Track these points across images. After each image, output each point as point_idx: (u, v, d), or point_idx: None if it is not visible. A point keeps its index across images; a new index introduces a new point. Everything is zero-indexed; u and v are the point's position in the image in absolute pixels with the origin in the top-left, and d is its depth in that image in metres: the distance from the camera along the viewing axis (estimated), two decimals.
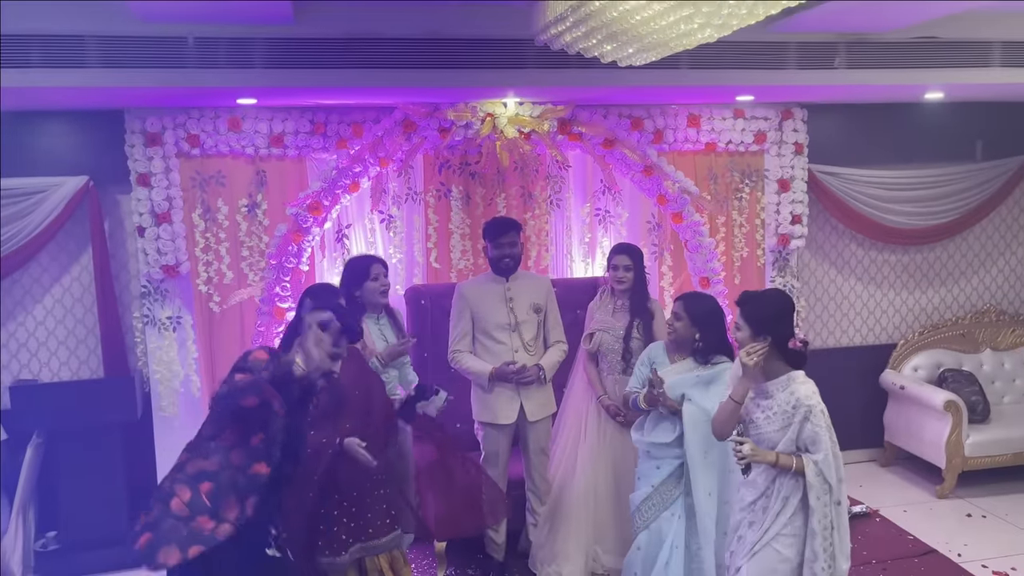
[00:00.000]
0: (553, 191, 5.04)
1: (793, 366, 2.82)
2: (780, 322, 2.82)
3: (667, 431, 3.40)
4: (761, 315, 2.81)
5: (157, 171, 4.46)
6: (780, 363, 2.81)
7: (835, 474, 2.75)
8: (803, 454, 2.77)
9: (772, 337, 2.77)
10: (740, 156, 5.25)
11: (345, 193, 4.56)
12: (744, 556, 2.84)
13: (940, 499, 5.22)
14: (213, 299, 4.68)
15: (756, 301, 2.88)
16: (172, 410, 4.66)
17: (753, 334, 2.80)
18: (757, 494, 2.86)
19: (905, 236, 5.78)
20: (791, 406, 2.75)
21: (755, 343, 2.78)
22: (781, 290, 3.01)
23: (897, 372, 5.76)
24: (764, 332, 2.79)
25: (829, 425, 2.77)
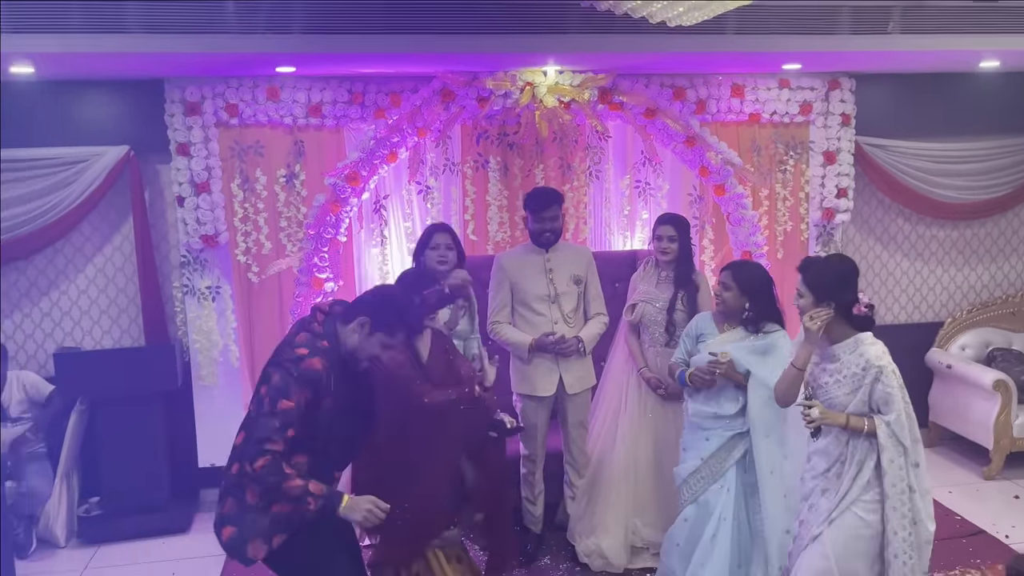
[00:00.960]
0: (592, 162, 4.96)
1: (859, 330, 2.75)
2: (843, 288, 2.74)
3: (731, 402, 3.33)
4: (823, 281, 2.75)
5: (196, 141, 4.47)
6: (846, 327, 2.75)
7: (909, 435, 2.68)
8: (875, 415, 2.70)
9: (835, 303, 2.71)
10: (785, 127, 5.11)
11: (383, 163, 4.53)
12: (821, 524, 2.77)
13: (987, 480, 5.09)
14: (252, 269, 4.68)
15: (818, 267, 2.81)
16: (211, 380, 4.69)
17: (816, 300, 2.74)
18: (830, 461, 2.80)
19: (955, 211, 5.61)
20: (861, 368, 2.69)
21: (818, 308, 2.72)
22: (844, 255, 2.92)
23: (944, 351, 5.62)
24: (826, 298, 2.72)
25: (901, 385, 2.71)
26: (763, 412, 3.23)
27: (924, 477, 2.75)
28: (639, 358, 3.92)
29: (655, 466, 3.85)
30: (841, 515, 2.74)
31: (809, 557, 2.78)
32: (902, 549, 2.68)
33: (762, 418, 3.24)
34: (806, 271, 2.80)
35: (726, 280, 3.33)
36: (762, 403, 3.23)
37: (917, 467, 2.72)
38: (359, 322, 2.65)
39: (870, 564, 2.72)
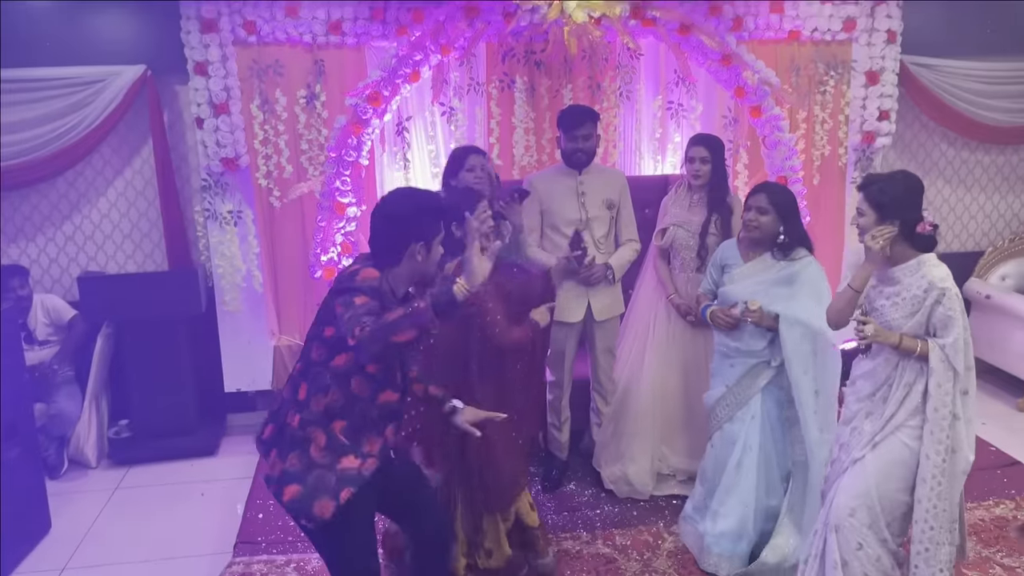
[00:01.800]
0: (623, 82, 4.76)
1: (921, 251, 2.63)
2: (907, 205, 2.60)
3: (757, 339, 3.22)
4: (888, 198, 2.60)
5: (214, 59, 4.33)
6: (907, 248, 2.62)
7: (963, 361, 2.57)
8: (930, 339, 2.60)
9: (900, 221, 2.58)
10: (826, 46, 4.87)
11: (405, 83, 4.38)
12: (864, 447, 2.70)
13: (1022, 412, 4.99)
14: (273, 193, 4.61)
15: (882, 183, 2.64)
16: (235, 306, 4.66)
17: (879, 219, 2.60)
18: (876, 385, 2.71)
19: (1002, 135, 5.38)
20: (923, 290, 2.58)
21: (881, 227, 2.59)
22: (908, 171, 2.75)
23: (983, 281, 5.45)
24: (890, 216, 2.58)
25: (963, 311, 2.60)
26: (799, 348, 3.13)
27: (971, 405, 2.64)
28: (668, 284, 3.81)
29: (683, 393, 3.78)
30: (885, 439, 2.66)
31: (850, 479, 2.71)
32: (931, 474, 2.60)
33: (799, 355, 3.13)
34: (869, 187, 2.66)
35: (762, 204, 3.19)
36: (798, 340, 3.12)
37: (966, 394, 2.62)
38: (410, 252, 2.39)
39: (910, 490, 2.65)
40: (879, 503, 2.66)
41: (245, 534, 3.53)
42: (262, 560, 3.35)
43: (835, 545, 2.70)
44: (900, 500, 2.65)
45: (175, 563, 3.54)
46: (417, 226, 2.38)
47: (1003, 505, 3.67)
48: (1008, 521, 3.53)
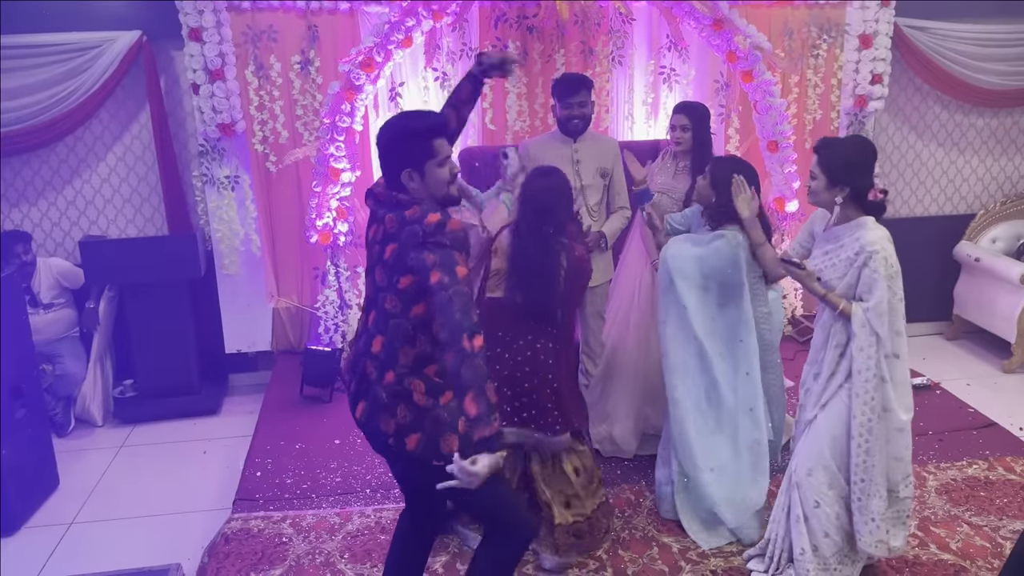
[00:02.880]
0: (615, 47, 4.78)
1: (870, 213, 2.69)
2: (858, 171, 2.64)
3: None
4: (838, 163, 2.64)
5: (208, 25, 4.37)
6: (856, 211, 2.68)
7: (887, 326, 2.63)
8: (854, 302, 2.68)
9: (850, 188, 2.64)
10: (819, 9, 4.88)
11: (398, 48, 4.41)
12: (814, 407, 2.83)
13: (1007, 374, 5.09)
14: (270, 158, 4.68)
15: (833, 147, 2.70)
16: (234, 269, 4.76)
17: (829, 184, 2.66)
18: (818, 347, 2.83)
19: (995, 98, 5.39)
20: (855, 252, 2.64)
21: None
22: (863, 137, 2.79)
23: (973, 244, 5.51)
24: (840, 181, 2.64)
25: (893, 275, 2.62)
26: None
27: (901, 368, 2.70)
28: (653, 251, 3.88)
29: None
30: (831, 399, 2.77)
31: (804, 441, 2.85)
32: (858, 431, 2.70)
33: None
34: (821, 151, 2.70)
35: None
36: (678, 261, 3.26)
37: (897, 358, 2.68)
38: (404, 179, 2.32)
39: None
40: (834, 461, 2.77)
41: (244, 491, 3.67)
42: (259, 516, 3.49)
43: (797, 500, 2.83)
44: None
45: (177, 518, 3.69)
46: (400, 153, 2.32)
47: (976, 465, 3.78)
48: (979, 481, 3.65)
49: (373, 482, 3.75)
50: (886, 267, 2.60)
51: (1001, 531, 3.29)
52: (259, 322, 4.93)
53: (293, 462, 3.94)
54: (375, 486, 3.72)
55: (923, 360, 5.17)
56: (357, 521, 3.45)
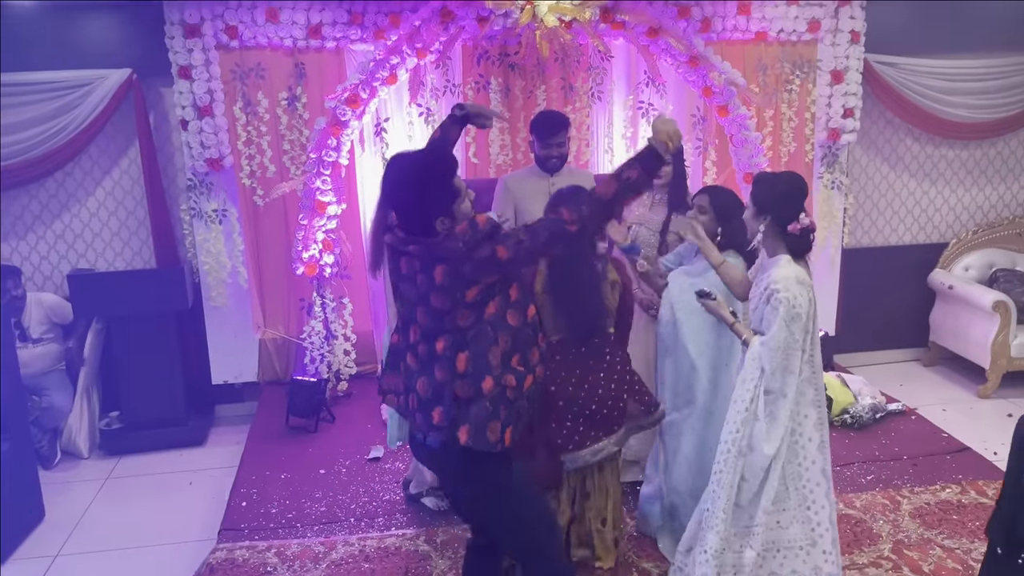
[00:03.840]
0: (595, 83, 4.91)
1: (790, 249, 2.74)
2: (781, 203, 2.72)
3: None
4: (764, 195, 2.76)
5: (197, 63, 4.48)
6: (780, 244, 2.75)
7: (778, 364, 2.68)
8: (757, 334, 2.78)
9: (771, 217, 2.73)
10: (792, 46, 5.03)
11: (383, 85, 4.52)
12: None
13: (981, 399, 5.18)
14: (257, 192, 4.76)
15: (764, 181, 2.82)
16: (221, 301, 4.82)
17: (755, 212, 2.77)
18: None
19: (964, 130, 5.54)
20: (764, 287, 2.74)
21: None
22: (796, 174, 2.89)
23: (947, 272, 5.63)
24: (765, 212, 2.74)
25: (792, 317, 2.65)
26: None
27: (783, 408, 2.73)
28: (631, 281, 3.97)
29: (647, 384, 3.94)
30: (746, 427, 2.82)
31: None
32: (717, 458, 2.79)
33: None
34: (754, 183, 2.84)
35: (703, 203, 3.32)
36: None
37: (784, 398, 2.72)
38: (438, 227, 2.32)
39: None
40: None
41: (229, 521, 3.70)
42: (244, 546, 3.52)
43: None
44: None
45: (163, 549, 3.71)
46: (429, 201, 2.29)
47: (949, 489, 3.86)
48: (952, 505, 3.72)
49: (357, 511, 3.79)
50: (787, 307, 2.65)
51: (973, 553, 3.36)
52: (246, 353, 4.98)
53: (278, 492, 3.98)
54: (359, 515, 3.75)
55: (900, 386, 5.27)
56: (341, 550, 3.49)
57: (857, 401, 4.61)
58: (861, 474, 4.02)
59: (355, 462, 4.26)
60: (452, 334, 2.36)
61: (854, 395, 4.65)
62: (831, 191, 5.28)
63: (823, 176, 5.26)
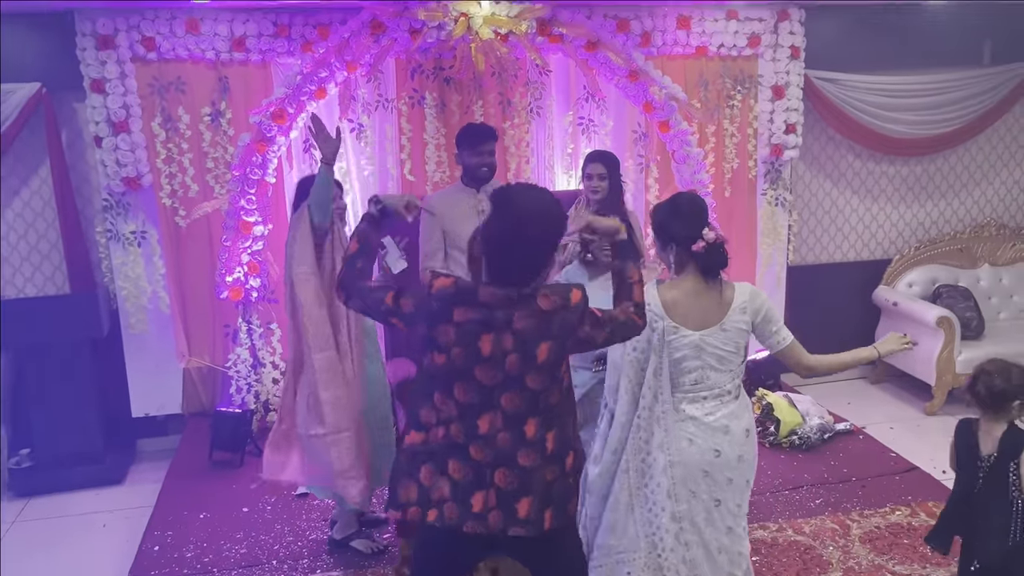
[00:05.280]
0: (533, 98, 4.78)
1: (704, 269, 2.54)
2: (678, 227, 2.53)
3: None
4: (656, 225, 2.61)
5: (112, 77, 4.23)
6: (692, 265, 2.56)
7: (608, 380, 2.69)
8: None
9: (674, 244, 2.55)
10: (733, 61, 4.97)
11: (311, 100, 4.32)
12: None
13: (928, 416, 5.13)
14: (179, 213, 4.51)
15: (657, 211, 2.64)
16: (141, 327, 4.55)
17: (661, 246, 2.62)
18: None
19: (905, 146, 5.54)
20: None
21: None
22: (686, 193, 2.72)
23: (891, 288, 5.60)
24: (669, 241, 2.57)
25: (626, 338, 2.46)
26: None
27: (612, 430, 2.68)
28: None
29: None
30: None
31: None
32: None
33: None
34: (651, 216, 2.69)
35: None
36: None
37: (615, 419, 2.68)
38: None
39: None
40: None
41: (139, 567, 3.42)
42: None
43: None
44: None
45: None
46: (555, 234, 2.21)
47: (899, 512, 3.75)
48: (903, 528, 3.61)
49: (281, 552, 3.53)
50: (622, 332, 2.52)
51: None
52: (168, 383, 4.69)
53: (196, 533, 3.70)
54: (283, 556, 3.50)
55: (848, 404, 5.19)
56: None
57: (805, 421, 4.51)
58: (810, 498, 3.90)
59: (281, 499, 4.00)
60: (543, 414, 2.13)
61: (802, 415, 4.54)
62: (775, 208, 5.22)
63: (767, 192, 5.20)
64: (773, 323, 2.63)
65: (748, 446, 2.62)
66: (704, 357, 2.55)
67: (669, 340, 2.54)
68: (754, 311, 2.59)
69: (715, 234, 2.53)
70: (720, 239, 2.53)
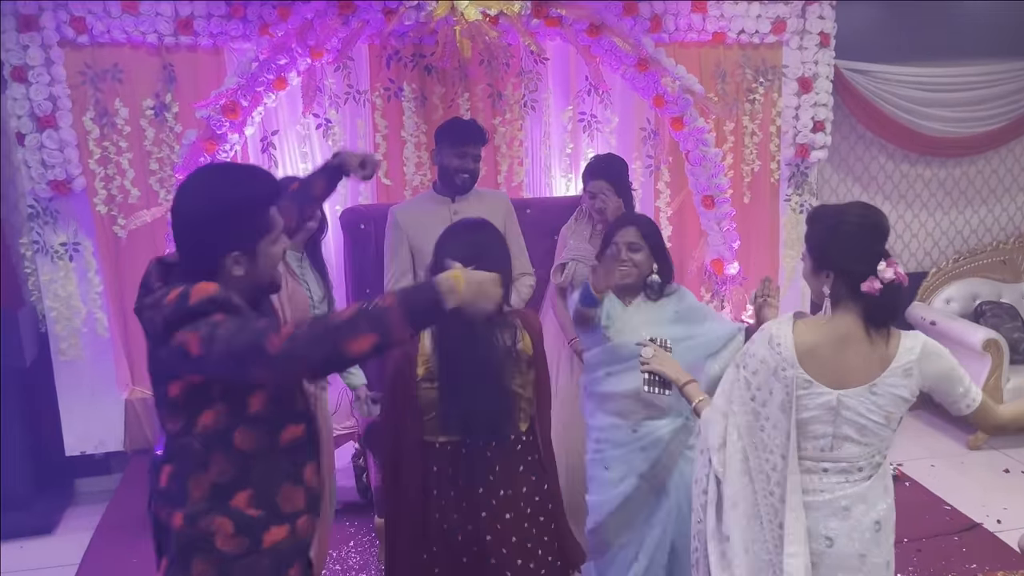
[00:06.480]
0: (528, 91, 4.23)
1: (870, 317, 1.97)
2: (846, 249, 1.96)
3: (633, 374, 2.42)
4: (821, 239, 2.02)
5: (35, 63, 3.66)
6: (852, 306, 1.98)
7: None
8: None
9: (834, 272, 1.97)
10: (754, 49, 4.43)
11: (268, 91, 3.75)
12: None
13: (972, 450, 4.57)
14: (117, 222, 3.93)
15: (819, 218, 2.06)
16: (75, 353, 3.97)
17: (813, 266, 2.03)
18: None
19: (944, 146, 5.01)
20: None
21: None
22: (867, 207, 2.09)
23: (927, 305, 5.05)
24: (825, 264, 1.99)
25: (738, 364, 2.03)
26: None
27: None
28: (569, 328, 3.21)
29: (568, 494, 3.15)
30: None
31: None
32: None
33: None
34: (809, 223, 2.12)
35: (635, 239, 2.59)
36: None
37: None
38: (224, 266, 1.72)
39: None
40: None
41: None
42: None
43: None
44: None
45: None
46: (225, 232, 1.70)
47: None
48: None
49: None
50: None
51: None
52: (108, 417, 4.09)
53: None
54: None
55: None
56: None
57: None
58: None
59: None
60: (165, 437, 1.80)
61: None
62: (800, 215, 4.66)
63: (791, 198, 4.65)
64: (959, 383, 1.98)
65: (876, 545, 1.98)
66: (840, 424, 1.94)
67: (798, 396, 1.92)
68: (925, 376, 1.96)
69: (894, 271, 1.91)
70: (900, 279, 1.92)
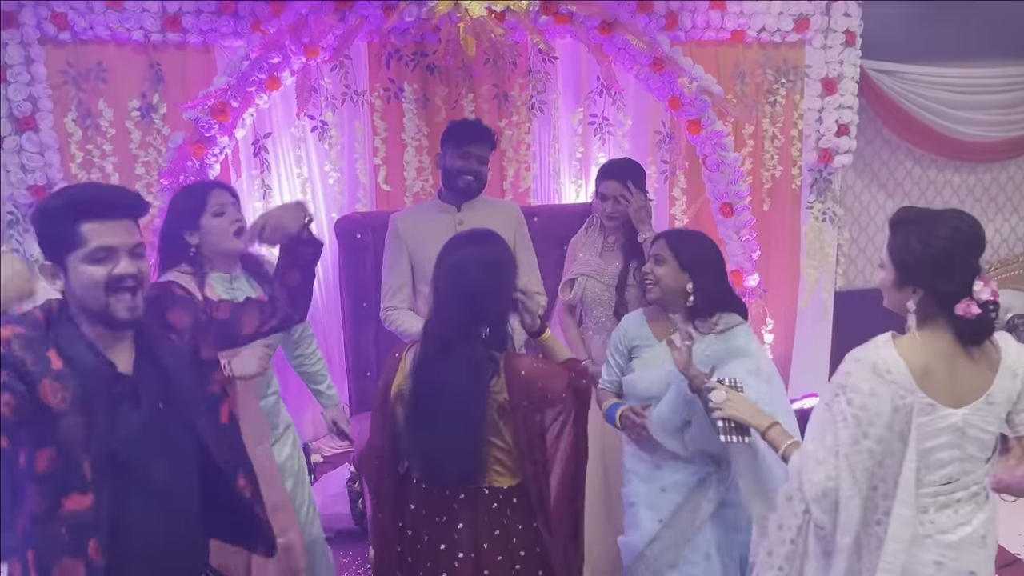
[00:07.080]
0: (536, 92, 4.02)
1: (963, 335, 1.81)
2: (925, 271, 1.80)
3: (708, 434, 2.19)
4: (908, 249, 1.83)
5: (14, 62, 3.44)
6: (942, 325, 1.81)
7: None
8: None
9: (924, 289, 1.79)
10: (775, 48, 4.20)
11: (260, 91, 3.53)
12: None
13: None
14: None
15: (904, 222, 1.87)
16: None
17: (897, 280, 1.85)
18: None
19: (975, 151, 4.78)
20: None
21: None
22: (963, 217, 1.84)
23: None
24: (911, 279, 1.81)
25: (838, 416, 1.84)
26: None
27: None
28: (579, 349, 2.97)
29: (603, 496, 2.92)
30: None
31: None
32: None
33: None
34: (892, 228, 1.93)
35: (660, 251, 2.36)
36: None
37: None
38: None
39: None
40: None
41: None
42: None
43: None
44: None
45: None
46: (40, 240, 1.68)
47: None
48: None
49: None
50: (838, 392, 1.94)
51: None
52: None
53: None
54: None
55: None
56: None
57: None
58: None
59: None
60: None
61: None
62: (822, 224, 4.43)
63: (813, 206, 4.41)
64: None
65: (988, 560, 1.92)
66: (966, 445, 1.78)
67: (920, 423, 1.73)
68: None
69: (991, 289, 1.75)
70: (995, 297, 1.76)
